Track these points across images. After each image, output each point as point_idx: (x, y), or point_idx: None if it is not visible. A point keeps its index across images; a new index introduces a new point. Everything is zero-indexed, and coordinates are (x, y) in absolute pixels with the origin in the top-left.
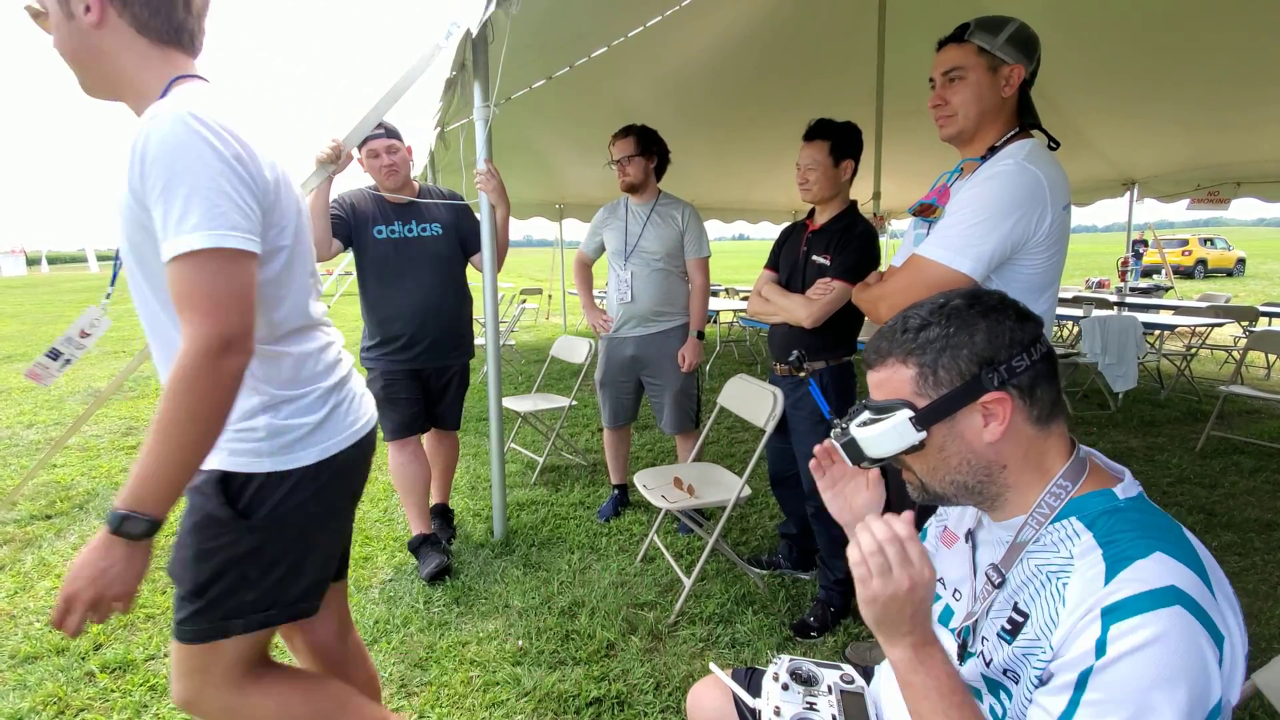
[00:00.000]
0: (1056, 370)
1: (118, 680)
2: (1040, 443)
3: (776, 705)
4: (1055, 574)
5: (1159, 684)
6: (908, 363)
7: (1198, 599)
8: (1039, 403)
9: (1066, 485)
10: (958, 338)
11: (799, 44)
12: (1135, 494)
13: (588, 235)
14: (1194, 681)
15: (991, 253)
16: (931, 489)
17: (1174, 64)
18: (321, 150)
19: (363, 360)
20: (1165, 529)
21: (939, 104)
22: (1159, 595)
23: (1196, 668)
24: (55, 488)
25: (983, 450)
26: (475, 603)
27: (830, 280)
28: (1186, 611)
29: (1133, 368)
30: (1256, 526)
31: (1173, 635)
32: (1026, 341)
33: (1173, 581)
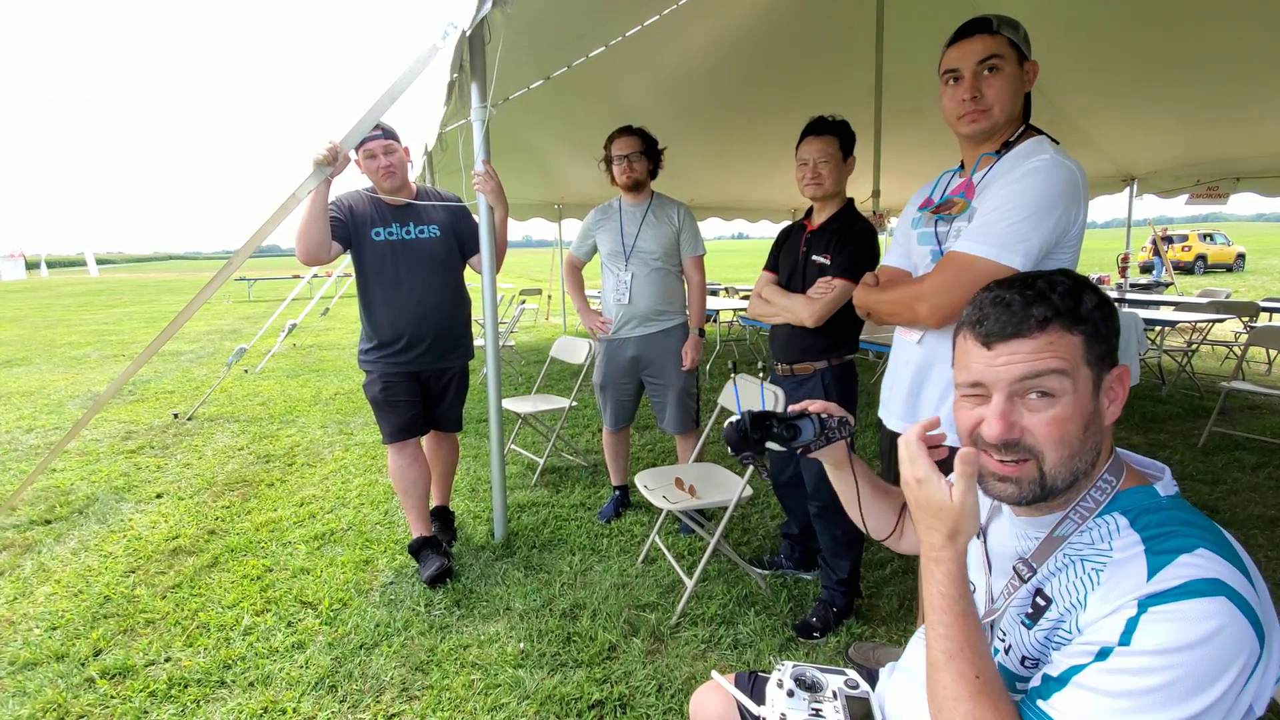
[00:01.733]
0: None
1: (117, 686)
2: (1107, 435)
3: (782, 713)
4: (1089, 561)
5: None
6: (1075, 330)
7: (1244, 594)
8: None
9: (1112, 480)
10: (1108, 307)
11: (797, 43)
12: (1174, 492)
13: (579, 238)
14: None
15: (1040, 247)
16: (1052, 477)
17: (1172, 60)
18: (318, 152)
19: (361, 362)
20: (1207, 527)
21: (975, 96)
22: (1204, 585)
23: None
24: (55, 492)
25: (1106, 433)
26: (476, 605)
27: (831, 279)
28: (1231, 604)
29: (1135, 364)
30: (1259, 523)
31: (1213, 623)
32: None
33: (1218, 575)
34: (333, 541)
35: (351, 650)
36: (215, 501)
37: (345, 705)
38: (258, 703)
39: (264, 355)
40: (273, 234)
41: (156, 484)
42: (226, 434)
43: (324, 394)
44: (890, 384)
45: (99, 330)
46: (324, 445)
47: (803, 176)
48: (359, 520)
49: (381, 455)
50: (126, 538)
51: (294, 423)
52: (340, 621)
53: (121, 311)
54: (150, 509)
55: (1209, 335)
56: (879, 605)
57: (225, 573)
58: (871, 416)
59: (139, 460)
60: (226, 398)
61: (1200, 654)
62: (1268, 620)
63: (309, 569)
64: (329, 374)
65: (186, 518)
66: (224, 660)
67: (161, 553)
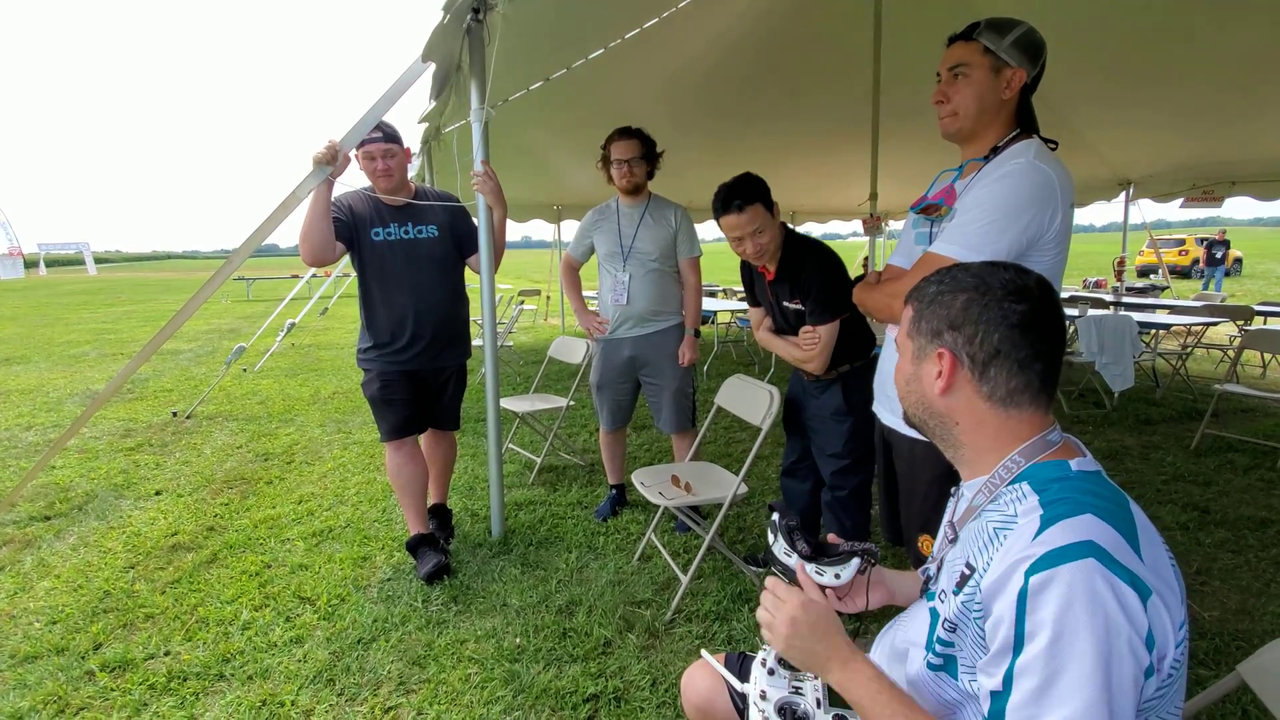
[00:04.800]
0: (1038, 361)
1: (117, 679)
2: (997, 421)
3: (763, 690)
4: (999, 529)
5: (1071, 632)
6: (910, 304)
7: (1114, 553)
8: (990, 380)
9: (1020, 460)
10: (944, 298)
11: (795, 46)
12: (1092, 470)
13: (576, 239)
14: (1107, 627)
15: (1008, 249)
16: (907, 413)
17: (1170, 65)
18: (318, 150)
19: (360, 361)
20: (1108, 498)
21: (941, 100)
22: (1074, 549)
23: (1109, 613)
24: (54, 489)
25: (934, 400)
26: (473, 601)
27: (814, 329)
28: (1098, 562)
29: (1129, 367)
30: (1250, 524)
31: (1081, 586)
32: (996, 322)
33: (1090, 537)
34: (331, 538)
35: (349, 645)
36: (214, 499)
37: (343, 698)
38: (256, 695)
39: (263, 354)
40: (271, 234)
41: (155, 481)
42: (225, 432)
43: (322, 393)
44: (880, 380)
45: (97, 329)
46: (322, 444)
47: (744, 251)
48: (357, 518)
49: (379, 454)
50: (126, 534)
51: (292, 421)
52: (338, 617)
53: (120, 310)
54: (149, 506)
55: (1204, 339)
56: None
57: (224, 569)
58: None
59: (138, 458)
60: (225, 396)
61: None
62: (1150, 579)
63: (307, 565)
64: (327, 373)
65: (185, 514)
66: (223, 654)
67: (161, 549)
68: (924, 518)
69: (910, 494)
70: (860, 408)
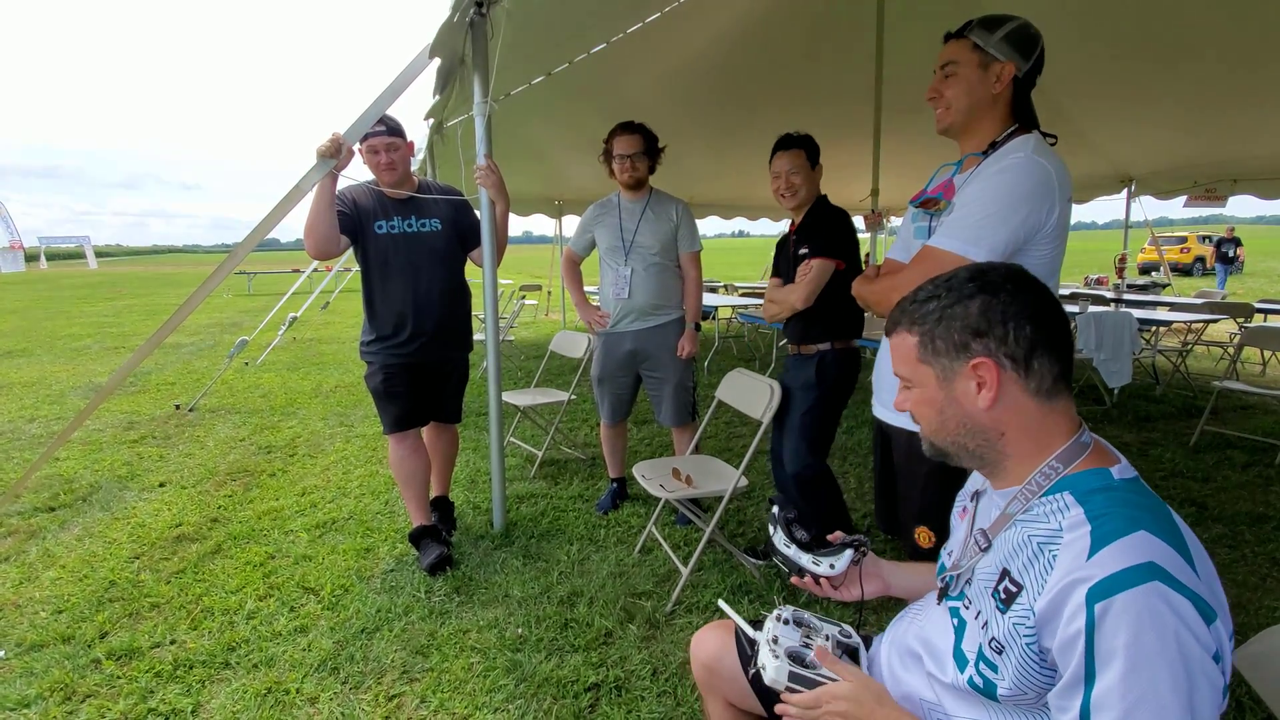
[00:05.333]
0: (1062, 345)
1: (123, 667)
2: (1042, 417)
3: (775, 635)
4: (1045, 544)
5: (1146, 662)
6: (913, 331)
7: (1176, 574)
8: (1036, 374)
9: (1059, 466)
10: (954, 309)
11: (798, 40)
12: (1131, 476)
13: (577, 233)
14: (1182, 654)
15: (1005, 243)
16: (937, 445)
17: (1172, 62)
18: (321, 144)
19: (363, 354)
20: (1154, 510)
21: (933, 96)
22: (1137, 572)
23: (1182, 639)
24: (58, 480)
25: (978, 416)
26: (475, 592)
27: (809, 260)
28: (1164, 585)
29: (1128, 364)
30: (1247, 520)
31: (1149, 611)
32: (1021, 314)
33: (1151, 558)
34: (334, 530)
35: (353, 634)
36: (218, 490)
37: (347, 686)
38: (261, 683)
39: (265, 348)
40: (273, 228)
41: (159, 473)
42: (228, 425)
43: (324, 387)
44: (879, 376)
45: (99, 322)
46: (325, 437)
47: (777, 189)
48: (360, 509)
49: (382, 447)
50: (130, 525)
51: (295, 415)
52: (342, 607)
53: (121, 304)
54: (153, 497)
55: (1204, 336)
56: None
57: (228, 559)
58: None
59: (141, 450)
60: (227, 390)
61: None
62: (1211, 597)
63: (311, 556)
64: (329, 367)
65: (189, 506)
66: (228, 643)
67: (165, 539)
68: (921, 509)
69: (909, 486)
70: (829, 392)
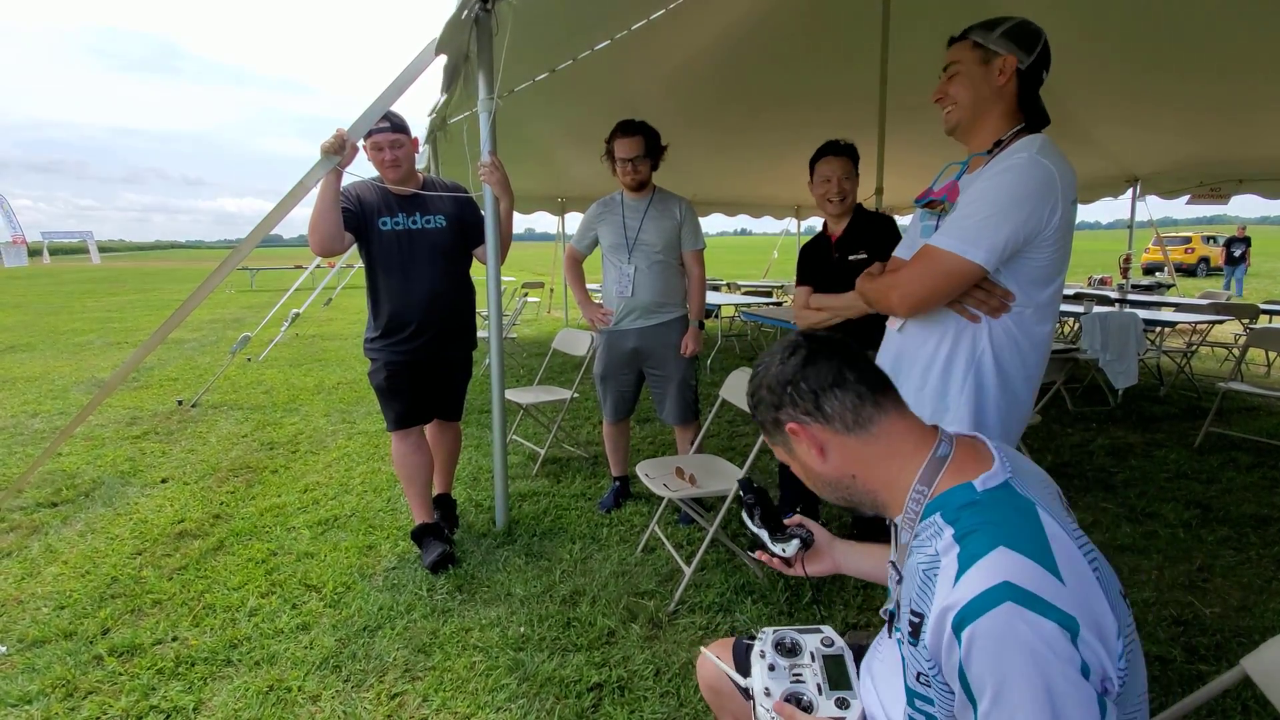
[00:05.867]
0: (845, 378)
1: (125, 664)
2: (867, 447)
3: (766, 686)
4: (929, 571)
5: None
6: (760, 427)
7: (1034, 589)
8: (836, 415)
9: (923, 490)
10: (757, 399)
11: (803, 38)
12: (997, 483)
13: (580, 231)
14: (1041, 671)
15: (1005, 244)
16: (838, 503)
17: (1177, 62)
18: (325, 140)
19: (366, 350)
20: (1015, 519)
21: (939, 98)
22: (993, 594)
23: (1039, 656)
24: (61, 476)
25: (824, 472)
26: (478, 590)
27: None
28: (1018, 605)
29: (1133, 364)
30: (1252, 522)
31: (1007, 635)
32: (794, 374)
33: (1006, 577)
34: (336, 527)
35: (355, 632)
36: (220, 487)
37: (349, 684)
38: (263, 681)
39: (267, 344)
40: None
41: (162, 469)
42: (230, 421)
43: (327, 383)
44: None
45: (102, 317)
46: (327, 433)
47: (825, 193)
48: (362, 507)
49: (384, 444)
50: (133, 520)
51: (297, 411)
52: (344, 604)
53: (124, 299)
54: (156, 493)
55: (1209, 337)
56: (876, 593)
57: (230, 556)
58: None
59: (144, 445)
60: (230, 386)
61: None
62: (1075, 603)
63: (313, 553)
64: (332, 364)
65: (192, 502)
66: (230, 640)
67: (167, 536)
68: None
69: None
70: None
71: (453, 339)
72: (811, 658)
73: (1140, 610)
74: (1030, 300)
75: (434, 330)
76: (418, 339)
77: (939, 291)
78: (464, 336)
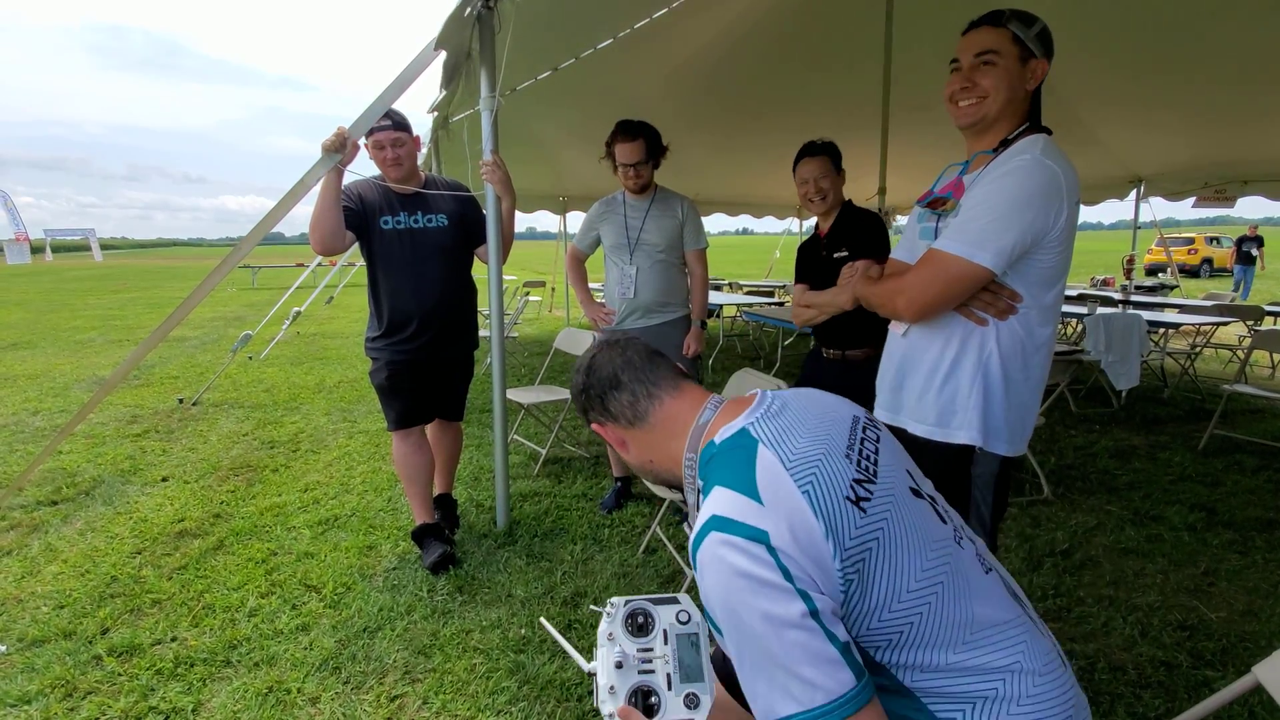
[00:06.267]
0: (619, 381)
1: (124, 664)
2: (651, 432)
3: (611, 684)
4: None
5: (720, 604)
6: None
7: (733, 515)
8: (619, 414)
9: (691, 457)
10: (574, 405)
11: (806, 38)
12: (733, 432)
13: (582, 230)
14: (742, 584)
15: (1011, 247)
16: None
17: (1183, 62)
18: (326, 138)
19: (368, 350)
20: (736, 460)
21: (967, 86)
22: (704, 529)
23: (738, 568)
24: (61, 474)
25: (630, 460)
26: (478, 592)
27: (853, 264)
28: (718, 531)
29: (1136, 366)
30: (1257, 525)
31: (710, 559)
32: (582, 385)
33: (714, 511)
34: (337, 527)
35: (355, 633)
36: (220, 486)
37: (349, 686)
38: (263, 682)
39: (268, 343)
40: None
41: (162, 467)
42: (231, 420)
43: (328, 382)
44: (880, 376)
45: (103, 315)
46: (328, 432)
47: (805, 194)
48: (362, 506)
49: (384, 443)
50: (133, 519)
51: (298, 410)
52: (344, 605)
53: (126, 297)
54: (156, 492)
55: (1213, 339)
56: None
57: (230, 555)
58: None
59: (144, 444)
60: (231, 384)
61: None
62: (770, 520)
63: (313, 553)
64: (333, 362)
65: (192, 501)
66: (229, 640)
67: (167, 535)
68: None
69: None
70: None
71: (454, 338)
72: (664, 638)
73: (1145, 615)
74: (1036, 302)
75: (435, 330)
76: (419, 338)
77: (946, 296)
78: (465, 336)
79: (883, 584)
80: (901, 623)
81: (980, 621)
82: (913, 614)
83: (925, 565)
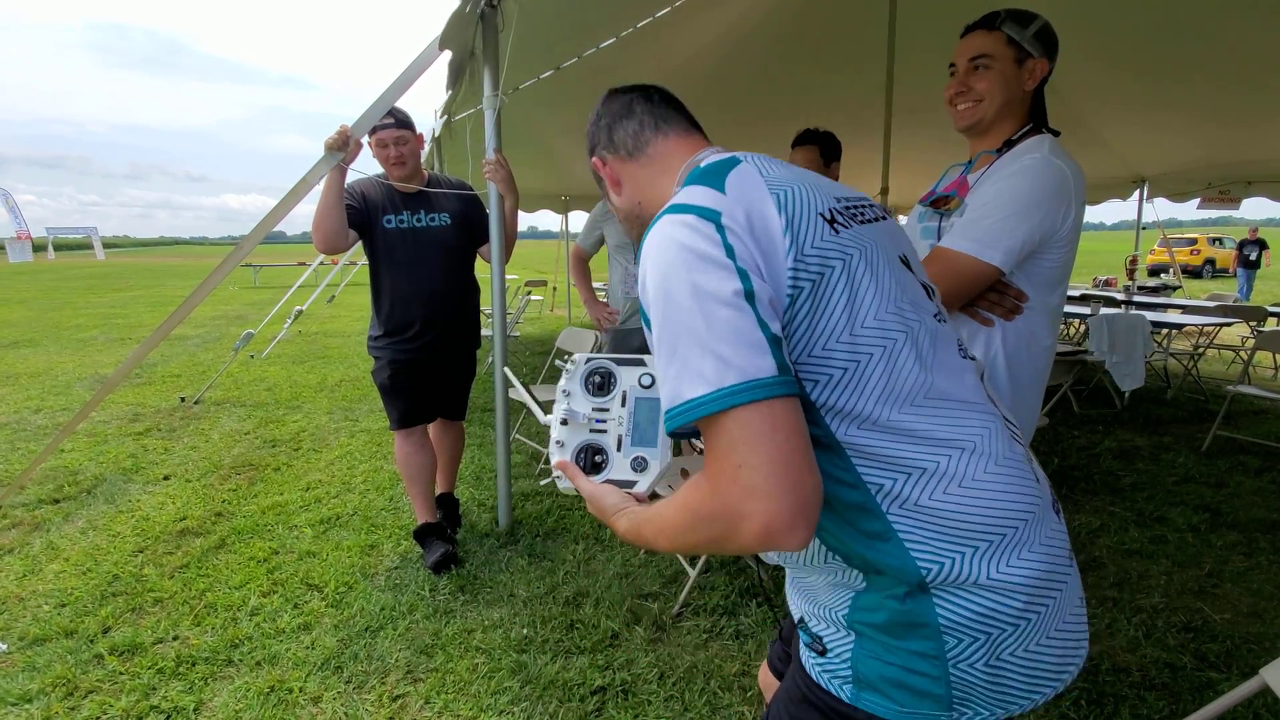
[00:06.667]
0: (634, 104)
1: (126, 663)
2: (646, 166)
3: (559, 439)
4: None
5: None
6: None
7: (686, 201)
8: (620, 144)
9: (676, 189)
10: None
11: (809, 37)
12: (723, 158)
13: (586, 230)
14: (682, 256)
15: (1021, 246)
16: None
17: (1187, 62)
18: (329, 136)
19: (370, 349)
20: (714, 168)
21: (962, 90)
22: (658, 219)
23: (680, 241)
24: (63, 472)
25: (621, 205)
26: (480, 591)
27: None
28: (670, 213)
29: (1140, 366)
30: (1261, 526)
31: (655, 236)
32: (595, 116)
33: (674, 202)
34: (338, 526)
35: (357, 632)
36: (222, 484)
37: (351, 686)
38: (264, 681)
39: (270, 341)
40: (280, 220)
41: (164, 466)
42: (233, 418)
43: (330, 381)
44: None
45: (105, 313)
46: (329, 431)
47: None
48: (364, 505)
49: (386, 442)
50: (134, 518)
51: (300, 408)
52: (346, 604)
53: (128, 295)
54: (158, 490)
55: (1216, 339)
56: None
57: (232, 554)
58: None
59: (146, 442)
60: (233, 382)
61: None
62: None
63: (315, 552)
64: (335, 361)
65: (194, 499)
66: (231, 639)
67: (169, 533)
68: None
69: None
70: None
71: (456, 337)
72: (623, 400)
73: (1149, 616)
74: (1041, 303)
75: (438, 329)
76: (422, 338)
77: (954, 295)
78: (468, 335)
79: (838, 309)
80: (847, 358)
81: (939, 392)
82: (861, 353)
83: (890, 310)
